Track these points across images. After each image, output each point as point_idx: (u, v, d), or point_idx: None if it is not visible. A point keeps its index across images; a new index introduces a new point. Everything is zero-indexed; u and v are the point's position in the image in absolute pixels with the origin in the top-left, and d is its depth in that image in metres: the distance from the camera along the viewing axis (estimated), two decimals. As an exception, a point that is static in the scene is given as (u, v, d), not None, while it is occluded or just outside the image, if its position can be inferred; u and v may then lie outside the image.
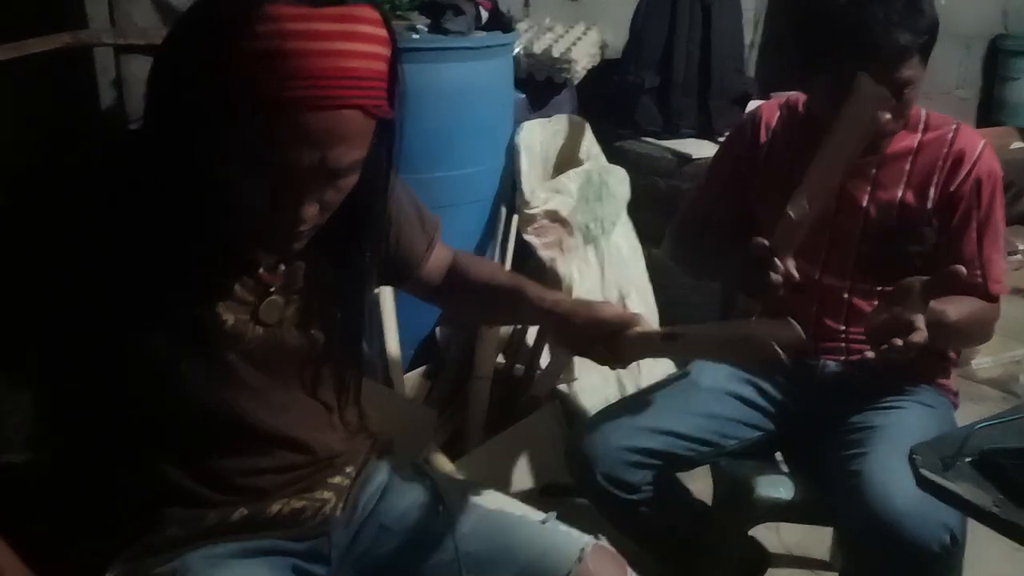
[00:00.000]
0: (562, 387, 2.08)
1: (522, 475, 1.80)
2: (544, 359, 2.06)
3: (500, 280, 1.23)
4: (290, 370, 1.02)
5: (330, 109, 0.79)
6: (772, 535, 1.93)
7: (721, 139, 2.51)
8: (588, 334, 1.13)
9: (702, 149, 2.42)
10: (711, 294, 2.36)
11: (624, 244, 2.38)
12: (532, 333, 2.08)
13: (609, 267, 2.32)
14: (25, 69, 1.81)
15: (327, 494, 1.07)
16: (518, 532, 1.11)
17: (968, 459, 0.86)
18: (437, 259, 1.22)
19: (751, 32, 2.94)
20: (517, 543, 1.10)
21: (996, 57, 3.87)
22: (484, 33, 2.07)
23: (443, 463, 1.66)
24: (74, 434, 0.99)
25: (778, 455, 1.63)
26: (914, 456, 0.89)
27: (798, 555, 2.01)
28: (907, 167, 1.43)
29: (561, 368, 1.98)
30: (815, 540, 2.02)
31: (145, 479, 0.98)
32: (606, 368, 2.24)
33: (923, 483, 0.86)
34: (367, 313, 1.13)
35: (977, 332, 1.41)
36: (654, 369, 2.32)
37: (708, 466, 1.58)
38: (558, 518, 1.14)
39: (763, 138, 1.56)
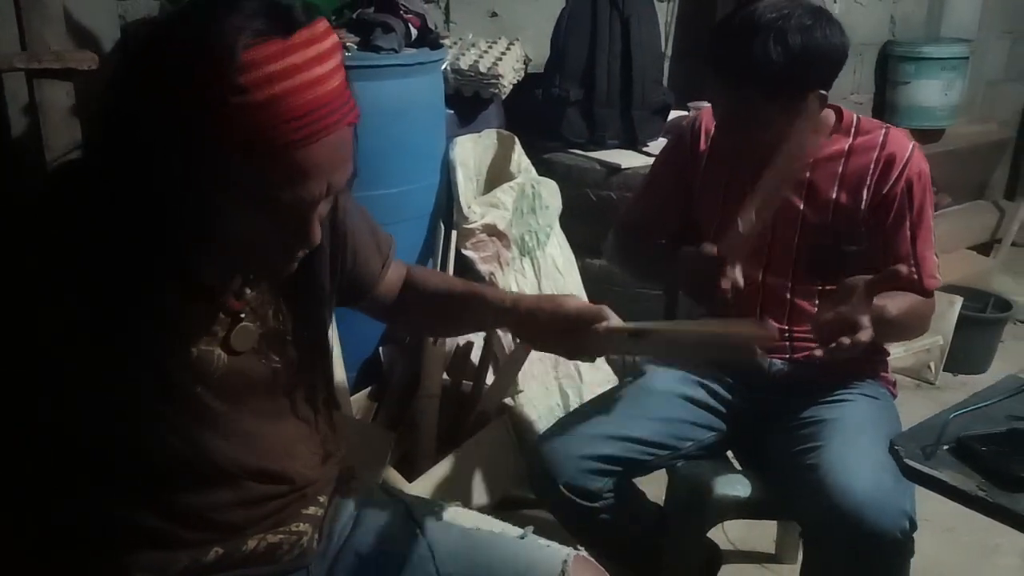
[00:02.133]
0: (507, 400, 2.08)
1: (478, 490, 1.79)
2: (490, 375, 2.06)
3: (456, 288, 1.23)
4: (256, 399, 0.99)
5: (327, 136, 0.78)
6: (718, 532, 1.98)
7: (646, 148, 2.59)
8: (554, 329, 1.12)
9: (629, 159, 2.47)
10: (647, 301, 2.41)
11: (558, 255, 2.40)
12: (477, 349, 2.08)
13: (545, 278, 2.34)
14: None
15: (303, 526, 1.05)
16: (498, 549, 1.11)
17: (946, 447, 0.91)
18: (392, 277, 1.21)
19: (664, 44, 3.02)
20: (498, 561, 1.10)
21: (887, 63, 4.09)
22: (414, 50, 2.06)
23: (400, 484, 1.64)
24: (32, 480, 0.93)
25: (729, 454, 1.67)
26: (896, 447, 0.93)
27: (745, 550, 2.07)
28: (839, 170, 1.49)
29: (509, 382, 1.98)
30: (759, 535, 2.09)
31: (111, 522, 0.93)
32: (549, 378, 2.28)
33: (908, 472, 0.90)
34: (330, 335, 1.11)
35: (915, 325, 1.48)
36: (595, 376, 2.35)
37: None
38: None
39: (702, 145, 1.60)
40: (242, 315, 0.95)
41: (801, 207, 1.51)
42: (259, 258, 0.87)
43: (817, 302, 1.53)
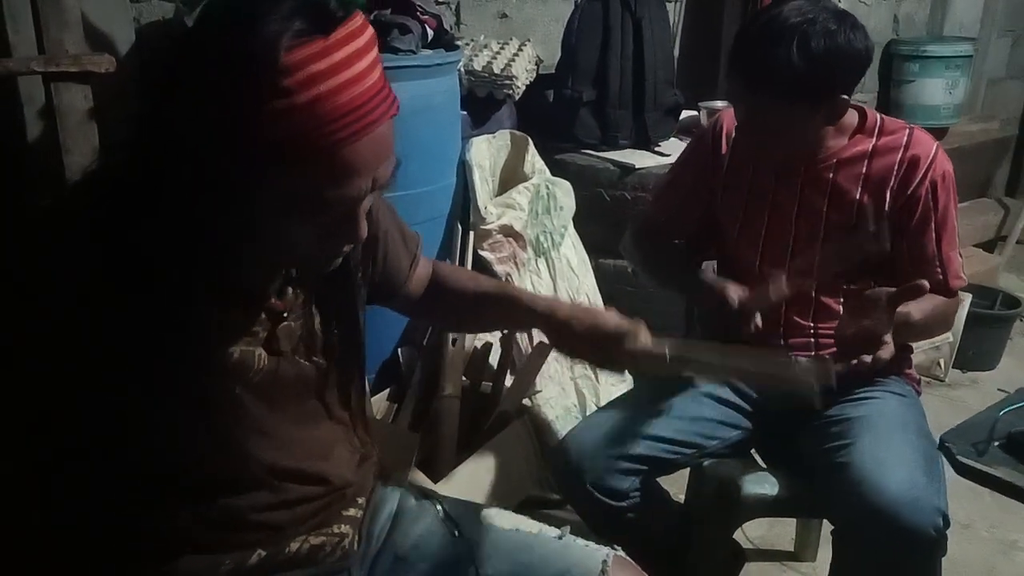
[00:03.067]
0: (525, 401, 2.08)
1: (502, 491, 1.79)
2: (508, 376, 2.06)
3: (485, 287, 1.23)
4: (294, 400, 0.99)
5: (371, 132, 0.78)
6: (737, 531, 1.99)
7: (658, 148, 2.59)
8: (589, 341, 1.11)
9: (643, 159, 2.48)
10: (661, 302, 2.41)
11: (573, 255, 2.40)
12: (495, 351, 2.08)
13: (560, 279, 2.34)
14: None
15: (344, 527, 1.05)
16: (537, 550, 1.11)
17: (997, 443, 0.91)
18: (420, 274, 1.21)
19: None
20: (538, 561, 1.10)
21: (891, 62, 4.10)
22: (430, 51, 2.06)
23: (425, 485, 1.64)
24: (74, 487, 0.93)
25: (752, 452, 1.68)
26: (947, 444, 0.93)
27: (764, 548, 2.08)
28: (863, 171, 1.50)
29: (528, 383, 1.98)
30: (777, 533, 2.10)
31: (155, 529, 0.93)
32: (565, 378, 2.28)
33: (961, 469, 0.90)
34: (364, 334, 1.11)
35: (940, 325, 1.49)
36: (611, 377, 2.35)
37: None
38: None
39: (724, 147, 1.60)
40: (284, 315, 0.95)
41: (824, 208, 1.51)
42: (303, 257, 0.87)
43: (842, 300, 1.54)
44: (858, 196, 1.49)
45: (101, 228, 0.81)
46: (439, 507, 1.15)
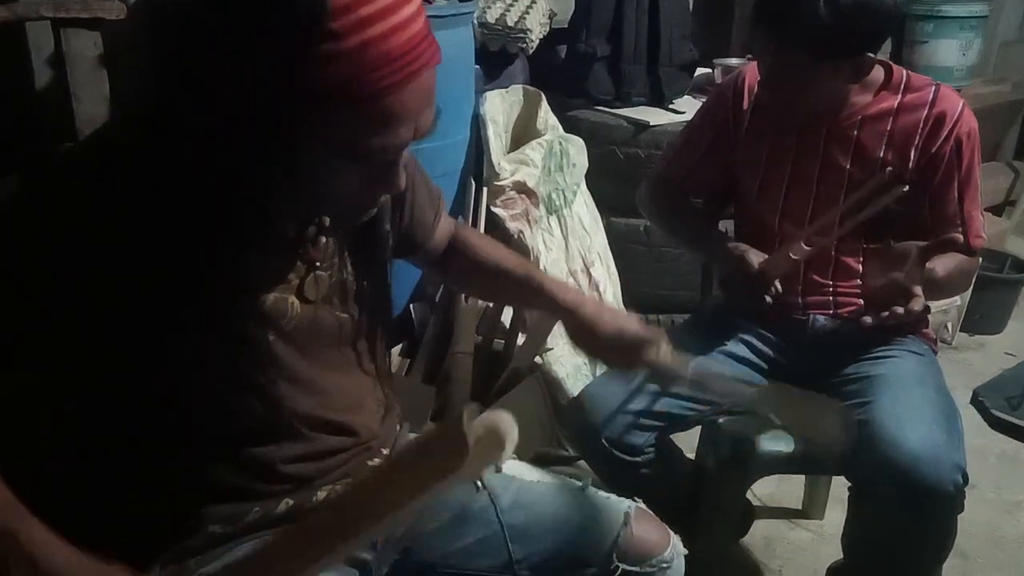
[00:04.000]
0: (536, 358, 2.08)
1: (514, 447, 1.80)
2: (521, 334, 2.06)
3: (509, 264, 1.20)
4: (325, 350, 0.98)
5: (416, 79, 0.76)
6: (746, 489, 2.01)
7: (672, 105, 2.56)
8: (608, 344, 1.11)
9: (657, 116, 2.45)
10: (672, 260, 2.42)
11: (584, 213, 2.39)
12: (507, 308, 2.07)
13: (572, 237, 2.33)
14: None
15: (370, 478, 1.05)
16: (560, 500, 1.12)
17: (1032, 398, 0.91)
18: (442, 228, 1.20)
19: None
20: (561, 512, 1.11)
21: (904, 22, 4.04)
22: (444, 2, 2.02)
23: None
24: (104, 434, 0.93)
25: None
26: (981, 398, 0.93)
27: (772, 506, 2.09)
28: (887, 128, 1.48)
29: (541, 341, 1.98)
30: (785, 490, 2.11)
31: (183, 476, 0.93)
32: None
33: (996, 423, 0.90)
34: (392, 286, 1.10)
35: (960, 283, 1.49)
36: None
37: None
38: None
39: (745, 103, 1.58)
40: (317, 264, 0.94)
41: (848, 166, 1.49)
42: (342, 205, 0.86)
43: (862, 259, 1.53)
44: (882, 153, 1.48)
45: (141, 164, 0.80)
46: (461, 458, 1.15)
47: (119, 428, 0.92)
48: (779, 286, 1.46)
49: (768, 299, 1.45)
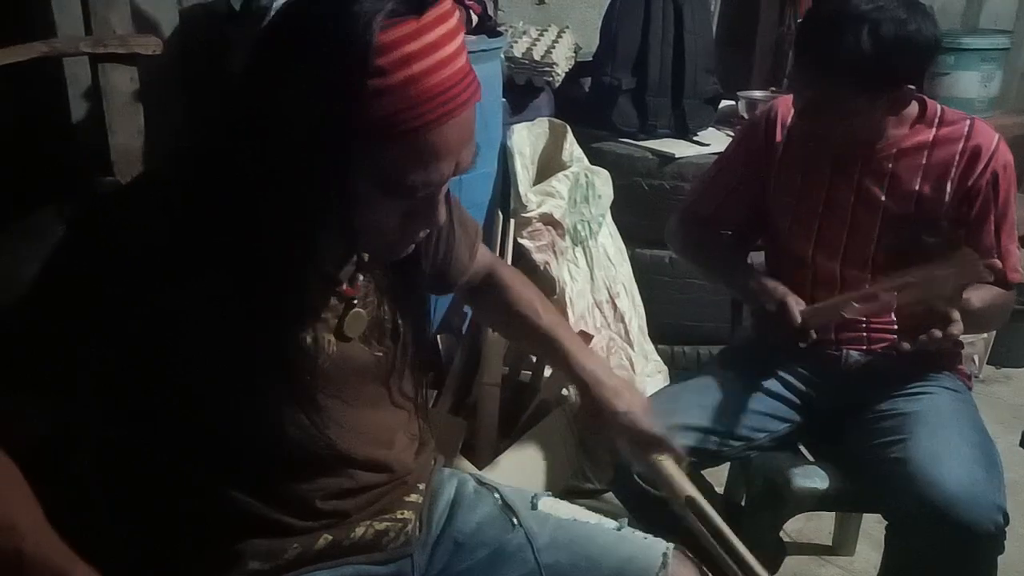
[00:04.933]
0: (564, 391, 2.07)
1: (541, 480, 1.79)
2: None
3: (539, 319, 1.19)
4: (361, 386, 0.99)
5: (458, 115, 0.77)
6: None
7: (696, 138, 2.57)
8: (617, 432, 1.14)
9: (681, 149, 2.45)
10: (697, 291, 2.41)
11: (610, 244, 2.39)
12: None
13: (597, 268, 2.33)
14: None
15: (407, 513, 1.05)
16: (597, 541, 1.11)
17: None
18: (479, 263, 1.20)
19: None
20: (597, 552, 1.09)
21: (925, 54, 4.04)
22: (474, 37, 2.04)
23: (470, 470, 1.63)
24: (145, 468, 0.93)
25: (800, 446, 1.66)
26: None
27: (801, 542, 2.07)
28: (923, 161, 1.48)
29: (568, 371, 1.97)
30: (815, 527, 2.09)
31: (223, 511, 0.93)
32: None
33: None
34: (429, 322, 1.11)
35: (997, 318, 1.47)
36: (646, 367, 2.35)
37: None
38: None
39: (779, 136, 1.58)
40: (354, 301, 0.94)
41: (883, 198, 1.49)
42: (382, 240, 0.86)
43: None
44: (918, 186, 1.47)
45: (190, 202, 0.81)
46: (496, 495, 1.15)
47: (160, 463, 0.92)
48: (815, 334, 1.44)
49: (803, 345, 1.43)
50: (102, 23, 1.78)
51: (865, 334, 1.55)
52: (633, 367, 2.31)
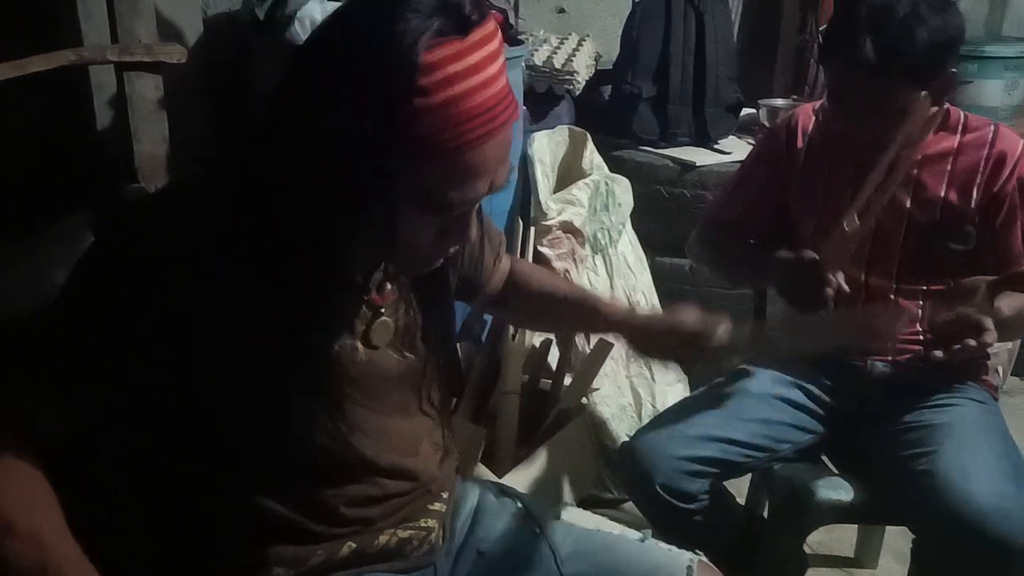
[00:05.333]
0: (583, 399, 2.07)
1: (561, 489, 1.78)
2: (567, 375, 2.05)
3: (563, 291, 1.24)
4: (389, 394, 0.99)
5: (496, 136, 0.77)
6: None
7: (717, 146, 2.56)
8: (670, 343, 1.14)
9: (702, 157, 2.45)
10: (720, 300, 2.39)
11: (630, 252, 2.38)
12: (554, 348, 2.07)
13: (617, 276, 2.32)
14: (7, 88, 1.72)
15: (430, 522, 1.04)
16: (620, 551, 1.10)
17: None
18: (501, 270, 1.20)
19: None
20: (621, 563, 1.09)
21: (947, 62, 4.01)
22: (496, 45, 2.04)
23: (490, 479, 1.63)
24: (171, 474, 0.94)
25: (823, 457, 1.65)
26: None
27: (823, 554, 2.04)
28: (948, 167, 1.47)
29: (588, 381, 1.96)
30: (836, 539, 2.06)
31: (249, 517, 0.93)
32: (620, 376, 2.26)
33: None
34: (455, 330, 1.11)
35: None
36: (666, 376, 2.33)
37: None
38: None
39: (800, 143, 1.58)
40: (382, 310, 0.95)
41: (908, 205, 1.48)
42: (414, 254, 0.86)
43: (922, 303, 1.51)
44: (943, 193, 1.46)
45: (216, 211, 0.82)
46: (519, 504, 1.15)
47: (186, 468, 0.92)
48: (842, 281, 1.41)
49: (830, 291, 1.41)
50: (128, 31, 1.80)
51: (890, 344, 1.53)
52: (653, 376, 2.30)
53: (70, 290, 0.83)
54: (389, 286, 0.96)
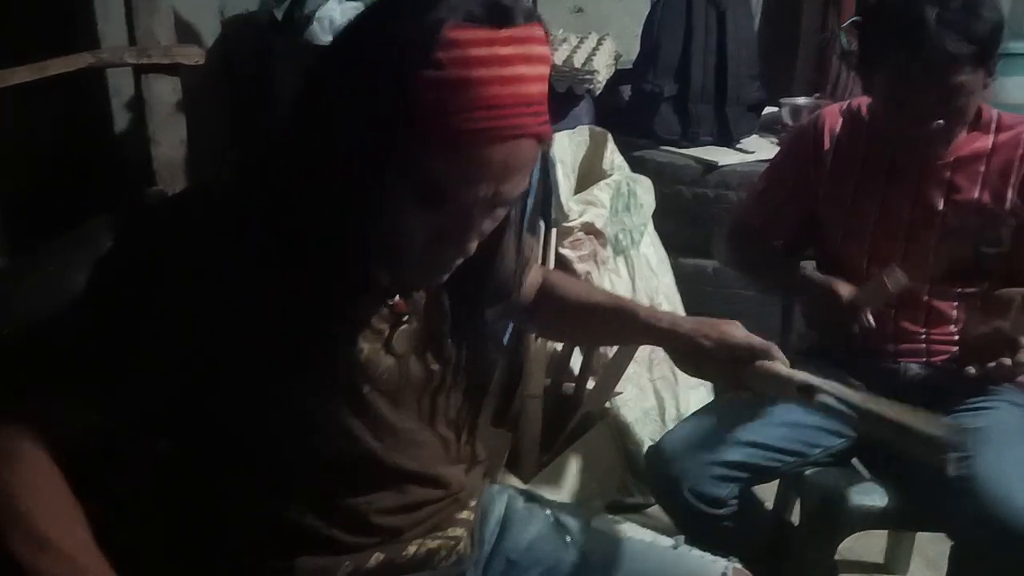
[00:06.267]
0: (607, 404, 2.04)
1: (586, 494, 1.76)
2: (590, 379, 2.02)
3: (599, 300, 1.17)
4: (417, 401, 0.96)
5: (510, 140, 0.74)
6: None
7: (739, 145, 2.53)
8: (714, 357, 1.05)
9: (725, 156, 2.42)
10: (744, 303, 2.36)
11: (652, 254, 2.35)
12: (577, 351, 2.04)
13: (639, 278, 2.29)
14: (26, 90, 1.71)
15: (459, 531, 1.02)
16: (653, 560, 1.07)
17: None
18: (532, 280, 1.17)
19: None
20: (654, 571, 1.06)
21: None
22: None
23: (515, 485, 1.61)
24: (196, 481, 0.92)
25: (854, 461, 1.61)
26: None
27: (852, 559, 2.01)
28: (982, 168, 1.43)
29: (612, 385, 1.94)
30: (866, 544, 2.02)
31: (276, 527, 0.91)
32: (643, 380, 2.23)
33: None
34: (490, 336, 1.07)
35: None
36: (689, 379, 2.30)
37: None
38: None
39: (827, 144, 1.55)
40: (404, 317, 0.92)
41: (941, 208, 1.44)
42: (414, 258, 0.82)
43: (956, 305, 1.47)
44: (978, 195, 1.43)
45: (244, 213, 0.80)
46: (548, 512, 1.12)
47: (213, 475, 0.90)
48: (871, 318, 1.38)
49: (857, 330, 1.38)
50: (146, 33, 1.79)
51: (924, 346, 1.50)
52: (676, 379, 2.27)
53: (90, 294, 0.81)
54: (416, 292, 0.93)
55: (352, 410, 0.89)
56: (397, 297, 0.91)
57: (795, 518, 1.67)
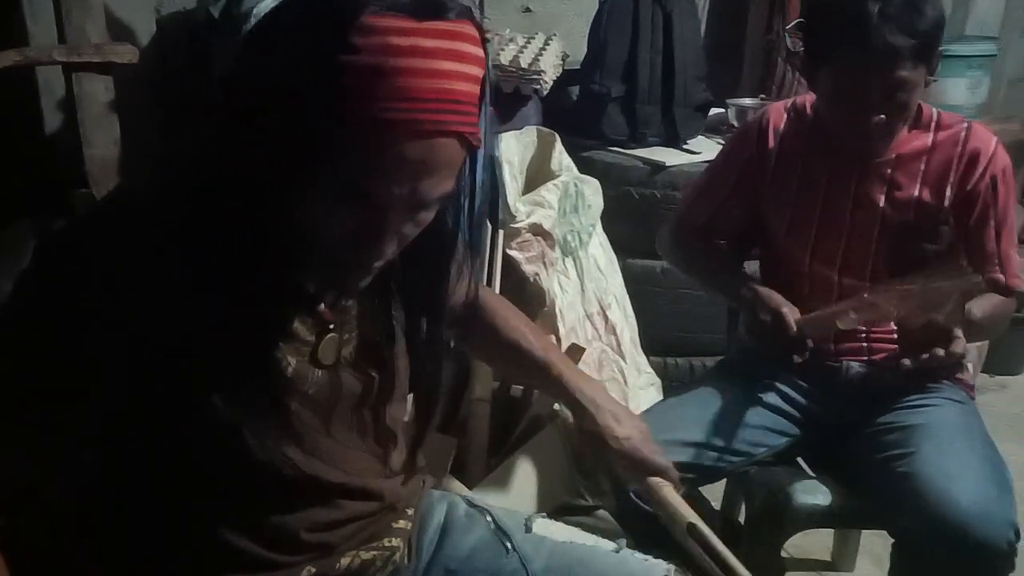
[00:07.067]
0: (555, 406, 2.02)
1: (534, 497, 1.74)
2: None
3: (530, 345, 1.15)
4: (347, 412, 0.93)
5: (429, 136, 0.71)
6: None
7: (686, 146, 2.53)
8: (615, 459, 1.11)
9: (672, 157, 2.42)
10: (690, 302, 2.37)
11: (600, 255, 2.34)
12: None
13: (588, 279, 2.28)
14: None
15: (395, 541, 0.99)
16: (595, 564, 1.06)
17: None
18: (461, 292, 1.14)
19: (699, 40, 2.96)
20: (595, 575, 1.04)
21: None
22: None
23: (460, 491, 1.58)
24: (122, 497, 0.88)
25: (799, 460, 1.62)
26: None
27: (799, 558, 2.02)
28: (922, 166, 1.45)
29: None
30: (812, 542, 2.03)
31: (203, 546, 0.88)
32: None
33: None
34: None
35: (998, 327, 1.44)
36: (639, 379, 2.30)
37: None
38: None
39: (771, 142, 1.55)
40: (331, 326, 0.89)
41: (882, 205, 1.46)
42: (333, 260, 0.80)
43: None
44: (917, 192, 1.44)
45: (171, 217, 0.77)
46: (489, 518, 1.10)
47: (140, 496, 0.86)
48: (812, 344, 1.39)
49: (798, 358, 1.38)
50: (77, 31, 1.73)
51: (865, 344, 1.51)
52: (625, 380, 2.26)
53: (13, 303, 0.78)
54: (344, 302, 0.90)
55: (280, 425, 0.85)
56: (322, 306, 0.88)
57: (743, 518, 1.68)
